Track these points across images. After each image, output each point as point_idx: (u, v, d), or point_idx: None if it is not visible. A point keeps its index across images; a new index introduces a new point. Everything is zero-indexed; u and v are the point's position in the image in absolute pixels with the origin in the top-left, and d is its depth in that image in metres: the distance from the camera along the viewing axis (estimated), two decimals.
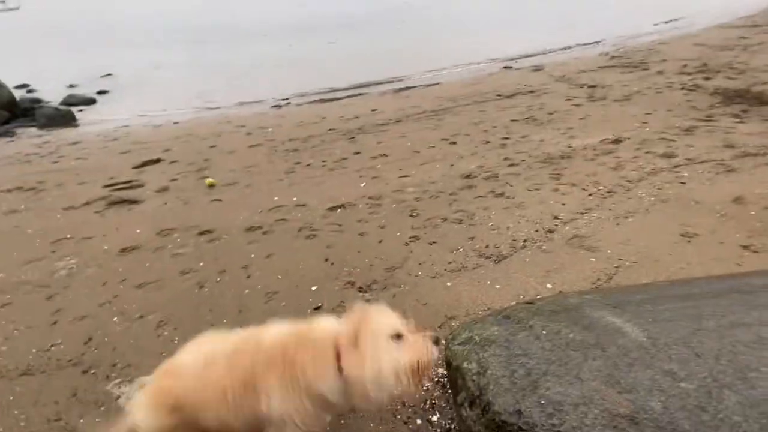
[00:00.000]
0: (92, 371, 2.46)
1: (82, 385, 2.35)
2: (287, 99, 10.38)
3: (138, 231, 4.17)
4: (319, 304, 2.89)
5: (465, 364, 1.77)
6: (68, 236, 4.17)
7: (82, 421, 2.14)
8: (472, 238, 3.56)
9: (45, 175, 6.10)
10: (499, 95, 8.43)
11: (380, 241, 3.63)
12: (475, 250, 3.38)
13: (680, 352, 1.58)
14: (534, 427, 1.39)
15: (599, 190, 4.30)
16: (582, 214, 3.85)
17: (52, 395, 2.31)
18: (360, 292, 3.00)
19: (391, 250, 3.48)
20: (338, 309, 2.82)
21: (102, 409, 2.19)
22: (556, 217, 3.80)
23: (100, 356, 2.58)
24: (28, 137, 9.07)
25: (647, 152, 5.03)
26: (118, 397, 1.80)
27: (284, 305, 2.92)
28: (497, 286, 2.91)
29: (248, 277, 3.29)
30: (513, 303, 2.52)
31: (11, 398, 2.32)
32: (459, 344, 1.93)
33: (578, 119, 6.50)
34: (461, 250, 3.40)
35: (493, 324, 1.95)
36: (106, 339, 2.71)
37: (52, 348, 2.68)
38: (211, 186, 5.08)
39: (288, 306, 2.90)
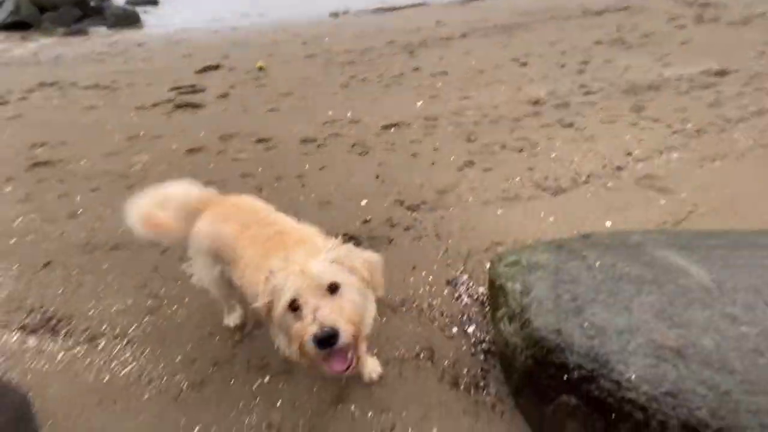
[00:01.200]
0: (168, 252, 2.81)
1: (161, 263, 2.72)
2: (346, 8, 9.74)
3: (201, 134, 4.40)
4: (369, 218, 2.99)
5: (509, 284, 1.81)
6: (141, 134, 4.51)
7: (163, 290, 2.51)
8: (531, 168, 3.39)
9: (117, 74, 6.44)
10: (584, 11, 7.32)
11: (432, 164, 3.57)
12: (532, 181, 3.24)
13: (747, 298, 1.49)
14: (572, 346, 1.43)
15: (686, 128, 3.81)
16: (660, 153, 3.48)
17: (138, 268, 2.70)
18: (408, 210, 3.05)
19: (443, 173, 3.42)
20: (385, 224, 2.92)
21: (179, 283, 2.54)
22: (629, 154, 3.48)
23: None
24: (99, 36, 9.44)
25: (757, 89, 4.29)
26: (191, 276, 2.08)
27: (335, 215, 3.05)
28: (551, 219, 2.83)
29: (303, 185, 3.43)
30: (564, 237, 2.46)
31: (105, 266, 2.75)
32: (505, 266, 1.95)
33: (678, 44, 5.57)
34: (517, 179, 3.27)
35: (544, 251, 1.93)
36: None
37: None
38: (261, 69, 5.18)
39: (339, 216, 3.03)
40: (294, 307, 1.25)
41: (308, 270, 1.25)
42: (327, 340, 1.18)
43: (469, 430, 1.73)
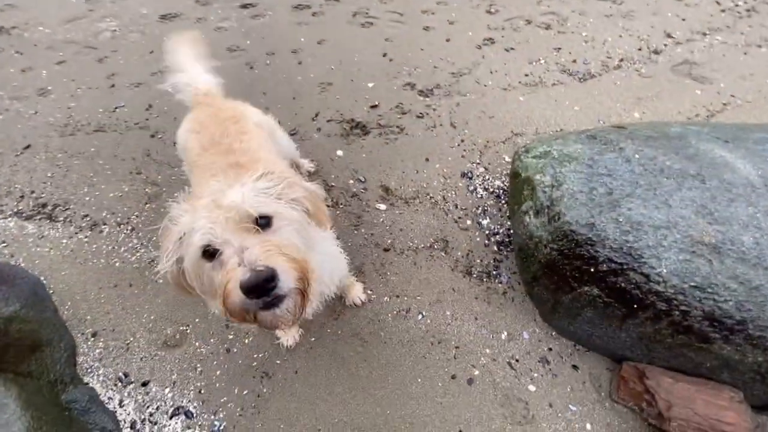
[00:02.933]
0: (159, 136, 2.56)
1: (153, 147, 2.49)
2: None
3: None
4: (376, 103, 2.70)
5: (537, 176, 1.68)
6: None
7: (160, 177, 2.35)
8: (559, 49, 2.99)
9: None
10: None
11: (448, 40, 3.12)
12: (558, 64, 2.88)
13: None
14: (605, 240, 1.37)
15: (737, 5, 3.31)
16: (703, 35, 3.07)
17: (128, 152, 2.48)
18: (420, 96, 2.74)
19: (459, 52, 3.01)
20: (395, 111, 2.65)
21: (175, 169, 2.36)
22: (669, 36, 3.06)
23: (164, 123, 2.64)
24: None
25: None
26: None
27: (338, 98, 2.74)
28: (576, 108, 2.58)
29: (299, 63, 3.01)
30: (588, 127, 2.27)
31: (92, 150, 2.52)
32: (533, 157, 1.79)
33: None
34: (542, 62, 2.91)
35: (576, 142, 1.76)
36: (165, 108, 2.73)
37: (117, 110, 2.74)
38: None
39: (343, 100, 2.73)
40: (211, 254, 0.89)
41: (225, 201, 0.91)
42: (262, 285, 0.82)
43: (480, 312, 1.80)
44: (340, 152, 2.42)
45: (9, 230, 2.11)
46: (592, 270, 1.41)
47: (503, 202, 2.14)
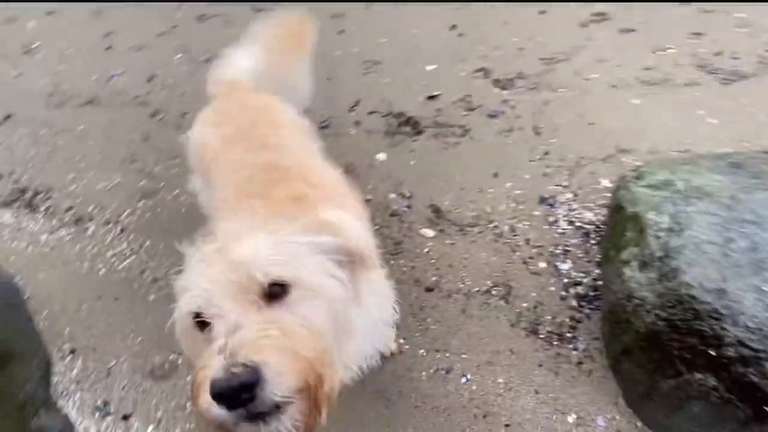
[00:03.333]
0: (161, 116, 3.03)
1: (154, 130, 2.95)
2: None
3: None
4: (436, 93, 3.00)
5: (650, 214, 1.81)
6: None
7: (158, 167, 2.79)
8: (698, 34, 3.14)
9: None
10: None
11: (542, 12, 3.37)
12: (695, 56, 3.04)
13: None
14: (738, 315, 1.47)
15: None
16: None
17: (124, 134, 2.94)
18: (496, 87, 3.01)
19: (556, 31, 3.25)
20: (460, 105, 2.93)
21: (177, 161, 2.80)
22: None
23: (168, 100, 3.11)
24: None
25: None
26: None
27: (387, 84, 3.07)
28: (713, 120, 2.72)
29: (340, 32, 3.39)
30: (729, 150, 2.42)
31: (81, 128, 3.03)
32: (646, 186, 1.93)
33: None
34: (672, 50, 3.08)
35: (713, 170, 1.87)
36: (171, 81, 3.20)
37: (113, 79, 3.27)
38: None
39: (392, 86, 3.05)
40: (204, 322, 0.95)
41: (235, 254, 0.97)
42: (235, 392, 0.81)
43: (543, 385, 2.00)
44: (381, 156, 2.74)
45: None
46: (712, 353, 1.51)
47: (594, 242, 2.34)
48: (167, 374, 2.06)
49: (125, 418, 1.97)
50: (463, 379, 2.02)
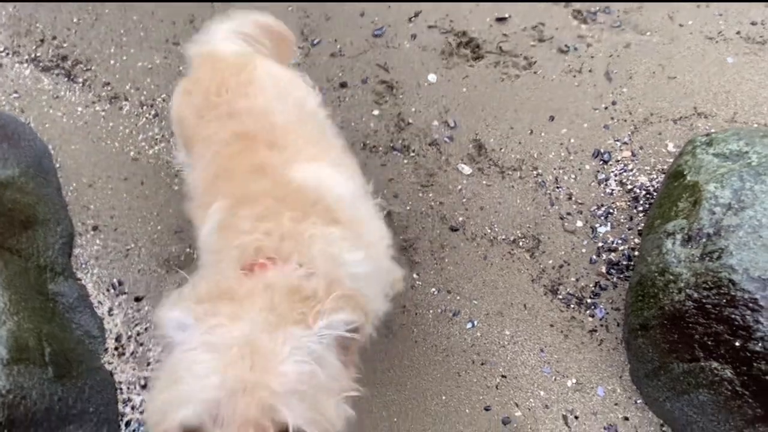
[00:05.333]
0: None
1: (198, 12, 2.91)
2: None
3: None
4: (506, 15, 2.82)
5: (711, 186, 1.75)
6: None
7: None
8: None
9: None
10: None
11: None
12: None
13: None
14: None
15: None
16: None
17: (169, 13, 2.94)
18: (576, 18, 2.80)
19: None
20: (530, 33, 2.77)
21: None
22: None
23: None
24: None
25: None
26: None
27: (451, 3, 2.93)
28: None
29: None
30: None
31: None
32: (715, 155, 1.86)
33: None
34: None
35: None
36: None
37: None
38: None
39: (458, 3, 2.90)
40: None
41: (258, 367, 0.88)
42: None
43: (550, 345, 2.05)
44: (432, 77, 2.66)
45: (23, 79, 2.73)
46: (736, 344, 1.52)
47: (641, 209, 2.27)
48: (182, 264, 2.20)
49: (137, 300, 2.14)
50: (469, 324, 2.08)
